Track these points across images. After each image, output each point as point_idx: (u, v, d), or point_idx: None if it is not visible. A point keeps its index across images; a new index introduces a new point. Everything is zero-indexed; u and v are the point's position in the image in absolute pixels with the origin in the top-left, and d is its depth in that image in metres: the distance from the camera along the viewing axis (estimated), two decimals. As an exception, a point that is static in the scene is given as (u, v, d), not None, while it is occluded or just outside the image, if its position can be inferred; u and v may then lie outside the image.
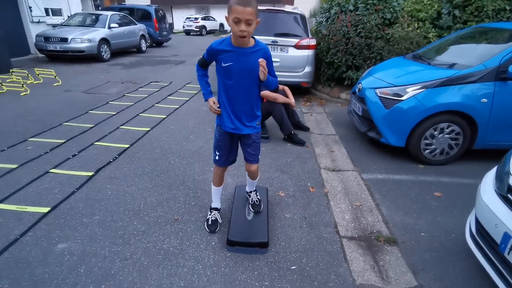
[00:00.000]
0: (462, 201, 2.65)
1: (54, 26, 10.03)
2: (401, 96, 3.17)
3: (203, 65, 1.95)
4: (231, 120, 1.90)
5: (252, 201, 2.36)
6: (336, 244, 2.14)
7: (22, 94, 5.41)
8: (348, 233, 2.26)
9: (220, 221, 2.25)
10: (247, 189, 2.41)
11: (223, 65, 1.76)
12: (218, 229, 2.21)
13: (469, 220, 1.94)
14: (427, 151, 3.23)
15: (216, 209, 2.27)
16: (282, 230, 2.26)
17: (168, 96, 5.70)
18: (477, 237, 1.76)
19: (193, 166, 3.11)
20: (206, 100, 1.96)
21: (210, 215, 2.25)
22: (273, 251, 2.04)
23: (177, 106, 5.07)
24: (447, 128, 3.12)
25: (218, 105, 1.91)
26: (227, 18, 1.64)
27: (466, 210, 2.26)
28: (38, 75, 6.61)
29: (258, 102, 1.94)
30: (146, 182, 2.79)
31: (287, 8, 6.43)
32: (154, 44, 13.89)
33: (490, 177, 1.83)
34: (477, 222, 1.77)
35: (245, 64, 1.74)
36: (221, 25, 28.05)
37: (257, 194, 2.40)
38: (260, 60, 1.67)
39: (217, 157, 2.06)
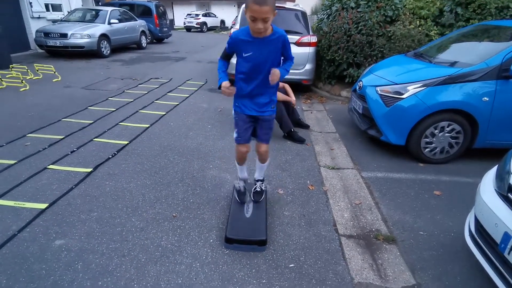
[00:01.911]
0: (462, 200, 2.63)
1: (54, 21, 9.99)
2: (402, 94, 3.15)
3: (225, 58, 2.00)
4: (250, 104, 1.99)
5: (255, 189, 2.36)
6: (335, 242, 2.13)
7: (21, 89, 5.39)
8: (347, 231, 2.25)
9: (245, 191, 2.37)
10: (256, 176, 2.40)
11: (244, 55, 1.84)
12: (247, 200, 2.33)
13: (468, 219, 1.93)
14: (427, 149, 3.21)
15: (243, 179, 2.35)
16: (281, 228, 2.25)
17: (168, 92, 5.67)
18: (476, 236, 1.75)
19: (192, 163, 3.10)
20: (219, 85, 1.91)
21: (238, 184, 2.36)
22: (271, 249, 2.03)
23: (177, 103, 5.05)
24: (447, 127, 3.10)
25: (230, 86, 1.87)
26: (245, 12, 1.68)
27: (466, 209, 2.25)
28: (37, 70, 6.59)
29: (275, 87, 2.01)
30: (144, 179, 2.78)
31: (288, 4, 6.39)
32: (154, 41, 13.83)
33: (490, 176, 1.82)
34: (477, 221, 1.76)
35: (264, 53, 1.81)
36: (222, 21, 27.94)
37: (263, 184, 2.41)
38: (272, 73, 1.80)
39: (235, 135, 2.13)
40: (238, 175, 2.38)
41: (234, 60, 1.98)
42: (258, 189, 2.36)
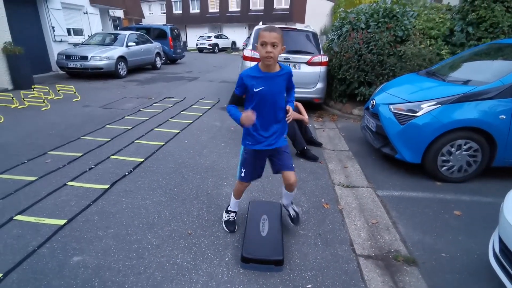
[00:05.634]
0: (484, 220, 2.55)
1: (75, 45, 10.51)
2: (416, 112, 3.15)
3: (236, 102, 1.99)
4: (260, 138, 2.01)
5: (293, 215, 2.34)
6: (353, 263, 2.08)
7: (43, 109, 5.62)
8: (365, 252, 2.20)
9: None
10: (285, 202, 2.36)
11: (255, 90, 1.90)
12: (236, 229, 2.35)
13: (492, 240, 1.86)
14: (444, 168, 3.16)
15: (234, 211, 2.40)
16: (297, 247, 2.22)
17: (182, 111, 5.81)
18: (500, 257, 1.68)
19: (207, 181, 3.13)
20: (240, 121, 1.86)
21: (228, 215, 2.39)
22: (287, 268, 2.00)
23: (191, 121, 5.16)
24: (464, 145, 3.05)
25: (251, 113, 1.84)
26: (256, 47, 1.85)
27: (488, 229, 2.17)
28: (58, 91, 6.88)
29: (285, 118, 2.05)
30: (160, 196, 2.81)
31: (299, 26, 6.57)
32: (168, 61, 14.32)
33: (513, 195, 1.77)
34: (501, 241, 1.70)
35: (275, 87, 1.92)
36: (233, 43, 28.77)
37: (295, 206, 2.38)
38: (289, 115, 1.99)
39: (242, 174, 2.15)
40: (230, 207, 2.40)
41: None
42: (294, 215, 2.33)
